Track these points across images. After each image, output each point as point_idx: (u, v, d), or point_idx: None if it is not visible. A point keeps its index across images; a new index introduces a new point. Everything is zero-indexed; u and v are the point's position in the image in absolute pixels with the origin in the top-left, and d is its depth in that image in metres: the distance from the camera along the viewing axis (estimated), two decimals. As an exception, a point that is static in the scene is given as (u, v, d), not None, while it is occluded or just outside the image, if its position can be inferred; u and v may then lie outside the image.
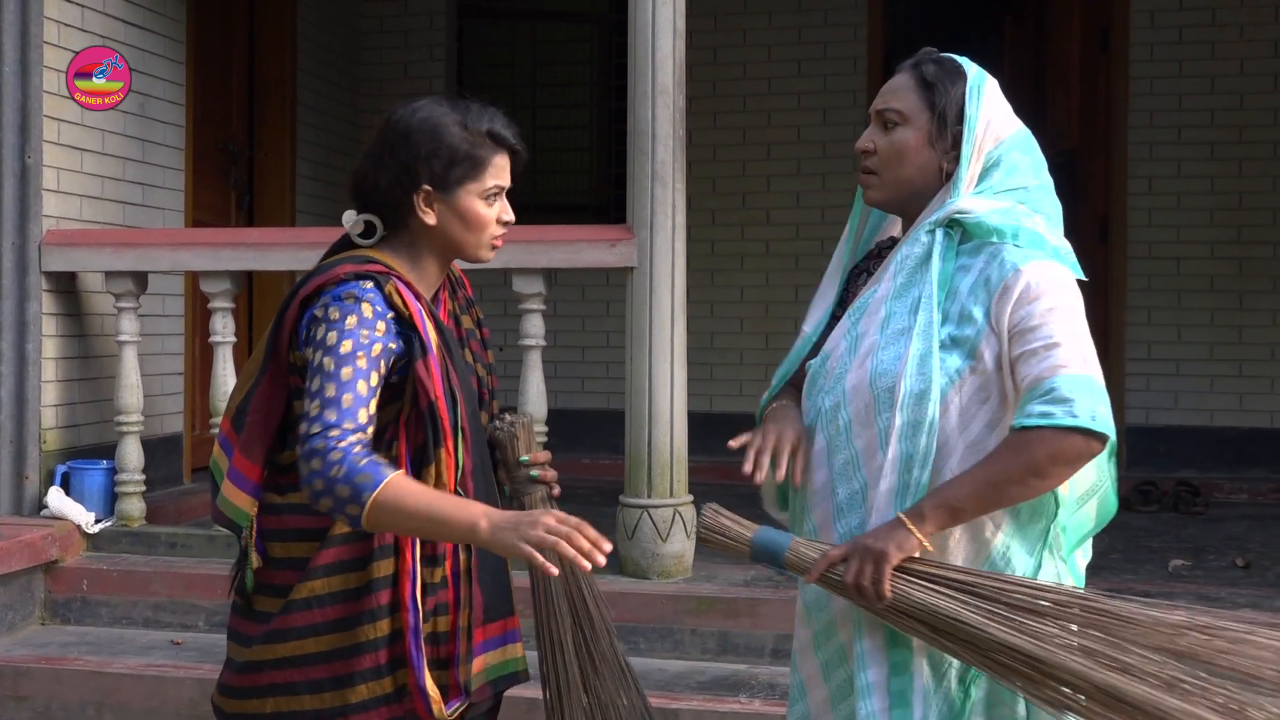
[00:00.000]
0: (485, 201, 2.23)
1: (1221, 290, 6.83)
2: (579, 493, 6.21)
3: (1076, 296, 2.08)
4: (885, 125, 2.20)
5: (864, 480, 2.10)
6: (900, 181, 2.18)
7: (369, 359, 2.08)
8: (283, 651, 2.14)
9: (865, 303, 2.17)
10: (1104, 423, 2.00)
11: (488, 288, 6.94)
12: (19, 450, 4.92)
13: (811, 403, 2.20)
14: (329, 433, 2.02)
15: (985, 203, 2.12)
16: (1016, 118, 2.22)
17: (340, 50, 7.50)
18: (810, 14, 7.31)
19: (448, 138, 2.19)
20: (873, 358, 2.09)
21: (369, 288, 2.12)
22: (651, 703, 2.33)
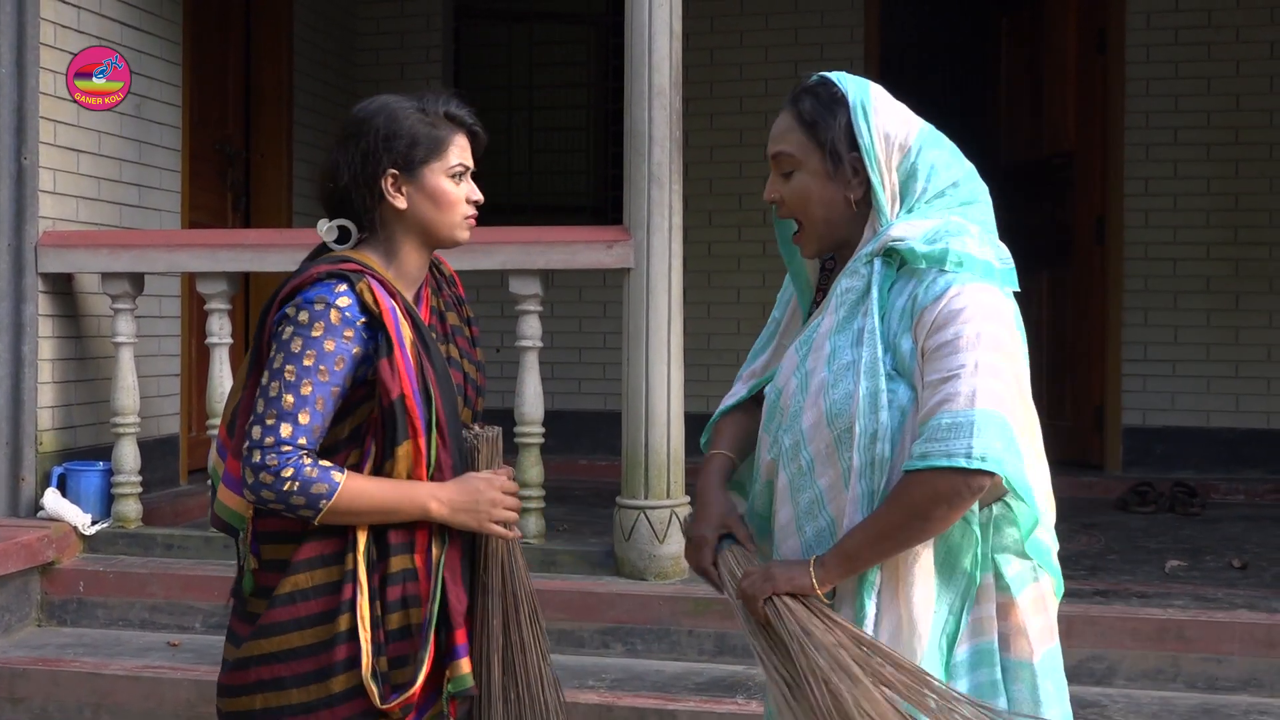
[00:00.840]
0: (452, 180, 2.26)
1: (1218, 291, 6.83)
2: (576, 494, 6.23)
3: (998, 317, 2.00)
4: (784, 174, 2.17)
5: (830, 517, 2.08)
6: (818, 224, 2.15)
7: (331, 373, 2.12)
8: (269, 647, 2.16)
9: (811, 337, 2.14)
10: (986, 459, 1.92)
11: (485, 289, 6.96)
12: (15, 452, 4.91)
13: (771, 436, 2.17)
14: (281, 449, 2.09)
15: (918, 225, 2.06)
16: (915, 116, 2.15)
17: (337, 52, 7.50)
18: (807, 15, 7.32)
19: (406, 121, 2.25)
20: (825, 396, 2.06)
21: (341, 290, 2.15)
22: (649, 704, 2.33)
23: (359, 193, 2.24)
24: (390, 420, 2.13)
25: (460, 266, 4.80)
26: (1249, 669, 3.90)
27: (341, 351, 2.12)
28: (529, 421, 4.63)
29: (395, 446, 2.13)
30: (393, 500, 2.13)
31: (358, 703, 2.13)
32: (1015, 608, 2.09)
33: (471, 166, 2.30)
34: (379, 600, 2.13)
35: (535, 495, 4.65)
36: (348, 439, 2.18)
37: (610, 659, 4.27)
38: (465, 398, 2.29)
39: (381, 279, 2.18)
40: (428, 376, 2.16)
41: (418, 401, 2.13)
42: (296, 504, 2.10)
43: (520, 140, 7.95)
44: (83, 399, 5.20)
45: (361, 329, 2.14)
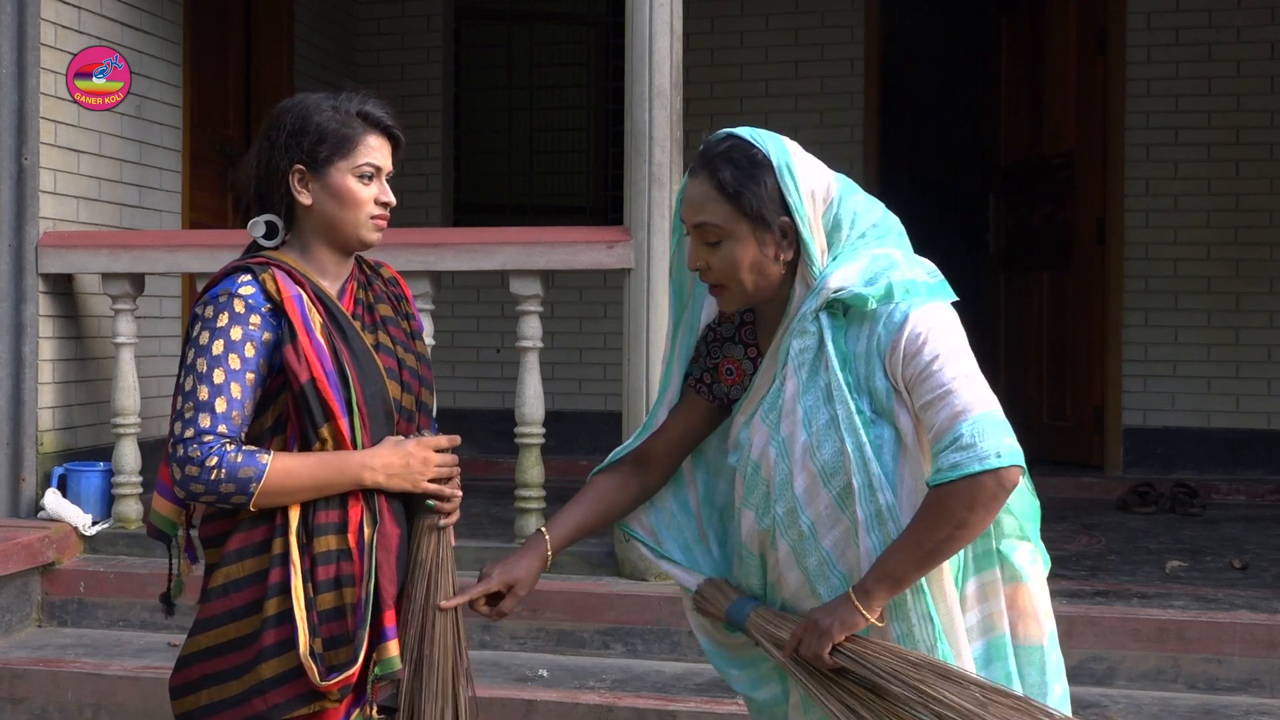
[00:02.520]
0: (360, 180, 2.24)
1: (1218, 292, 6.83)
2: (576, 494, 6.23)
3: (955, 329, 2.08)
4: (709, 244, 2.14)
5: (842, 574, 2.10)
6: (748, 287, 2.14)
7: (243, 359, 2.14)
8: (206, 641, 2.18)
9: (776, 403, 2.15)
10: (1011, 454, 2.00)
11: (485, 289, 6.98)
12: (16, 452, 4.91)
13: (756, 508, 2.18)
14: (203, 439, 2.11)
15: (851, 270, 2.10)
16: (823, 165, 2.18)
17: (337, 52, 7.50)
18: (807, 16, 7.32)
19: (316, 117, 2.24)
20: (813, 458, 2.09)
21: (244, 279, 2.18)
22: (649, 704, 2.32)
23: (270, 188, 2.26)
24: (305, 405, 2.15)
25: (460, 267, 4.84)
26: (1249, 669, 3.90)
27: (250, 337, 2.15)
28: (529, 422, 4.63)
29: (317, 429, 2.15)
30: (322, 474, 2.14)
31: (289, 688, 2.13)
32: (1024, 591, 2.14)
33: (383, 167, 2.27)
34: (310, 581, 2.14)
35: (535, 496, 4.65)
36: (271, 428, 2.20)
37: (611, 659, 4.27)
38: (403, 383, 2.28)
39: (290, 269, 2.21)
40: (343, 359, 2.17)
41: (332, 384, 2.15)
42: (227, 492, 2.11)
43: (520, 140, 7.95)
44: (83, 399, 5.20)
45: (267, 315, 2.16)
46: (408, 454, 2.19)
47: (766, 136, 2.15)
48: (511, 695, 3.87)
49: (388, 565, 2.17)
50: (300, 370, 2.13)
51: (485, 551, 4.59)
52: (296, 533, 2.14)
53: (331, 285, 2.27)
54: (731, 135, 2.16)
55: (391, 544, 2.20)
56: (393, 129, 2.28)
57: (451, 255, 4.73)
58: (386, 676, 2.17)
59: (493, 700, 3.80)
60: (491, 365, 7.52)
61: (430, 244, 4.67)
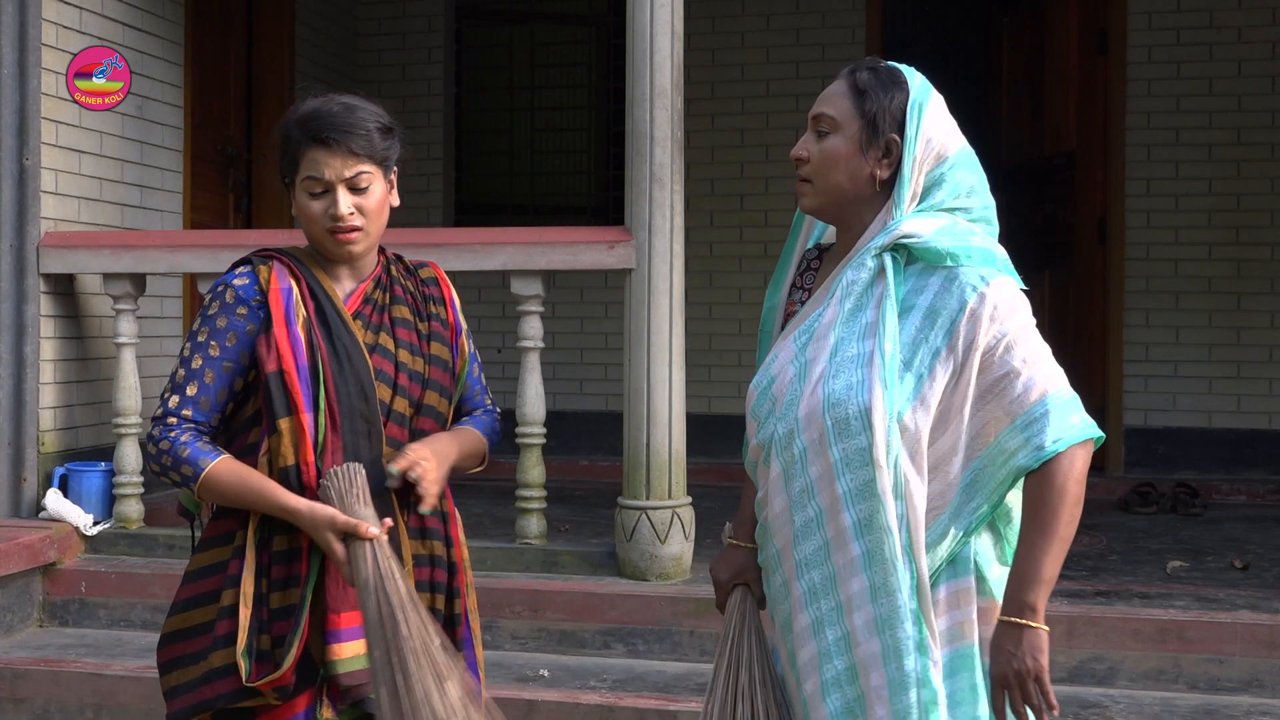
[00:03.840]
0: (308, 195, 2.24)
1: (1220, 292, 6.83)
2: (577, 494, 6.23)
3: (1026, 308, 2.10)
4: (819, 133, 2.19)
5: (820, 508, 2.09)
6: (831, 188, 2.16)
7: (222, 347, 2.19)
8: (177, 624, 2.23)
9: (811, 327, 2.15)
10: (1094, 426, 2.05)
11: (486, 289, 6.98)
12: (17, 452, 4.92)
13: (759, 422, 2.19)
14: (167, 420, 2.19)
15: (929, 222, 2.10)
16: (960, 134, 2.20)
17: (338, 52, 7.50)
18: (808, 16, 7.32)
19: (283, 129, 2.28)
20: (823, 385, 2.08)
21: (241, 271, 2.25)
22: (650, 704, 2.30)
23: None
24: (269, 395, 2.16)
25: (461, 267, 4.84)
26: (1250, 670, 3.90)
27: (233, 327, 2.19)
28: (530, 422, 4.63)
29: (276, 420, 2.15)
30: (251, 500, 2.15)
31: (234, 679, 2.14)
32: (996, 612, 2.09)
33: (331, 179, 2.20)
34: (265, 577, 2.15)
35: (536, 496, 4.65)
36: (250, 418, 2.22)
37: (612, 659, 4.27)
38: (396, 386, 2.26)
39: (292, 263, 2.24)
40: (320, 354, 2.17)
41: (303, 379, 2.15)
42: (175, 478, 2.18)
43: (522, 141, 7.95)
44: (84, 399, 5.20)
45: (255, 307, 2.20)
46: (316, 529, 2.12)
47: (920, 76, 2.19)
48: (513, 695, 3.87)
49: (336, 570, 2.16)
50: (268, 360, 2.16)
51: (485, 551, 4.60)
52: (257, 528, 2.16)
53: (345, 283, 2.28)
54: (890, 63, 2.21)
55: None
56: (331, 138, 2.19)
57: (452, 255, 4.73)
58: (332, 680, 2.16)
59: (494, 700, 3.80)
60: (493, 365, 7.50)
61: (431, 244, 4.67)
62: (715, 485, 6.55)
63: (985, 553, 2.12)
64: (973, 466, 2.08)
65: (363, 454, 2.19)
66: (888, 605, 2.04)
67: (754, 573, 2.31)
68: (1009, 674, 2.02)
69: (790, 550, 2.14)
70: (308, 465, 2.15)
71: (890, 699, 2.03)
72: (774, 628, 2.26)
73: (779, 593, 2.19)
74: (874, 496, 2.03)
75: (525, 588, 4.40)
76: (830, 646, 2.09)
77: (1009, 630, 2.03)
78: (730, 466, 7.20)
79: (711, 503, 5.55)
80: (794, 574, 2.13)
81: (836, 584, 2.08)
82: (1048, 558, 2.01)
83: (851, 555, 2.06)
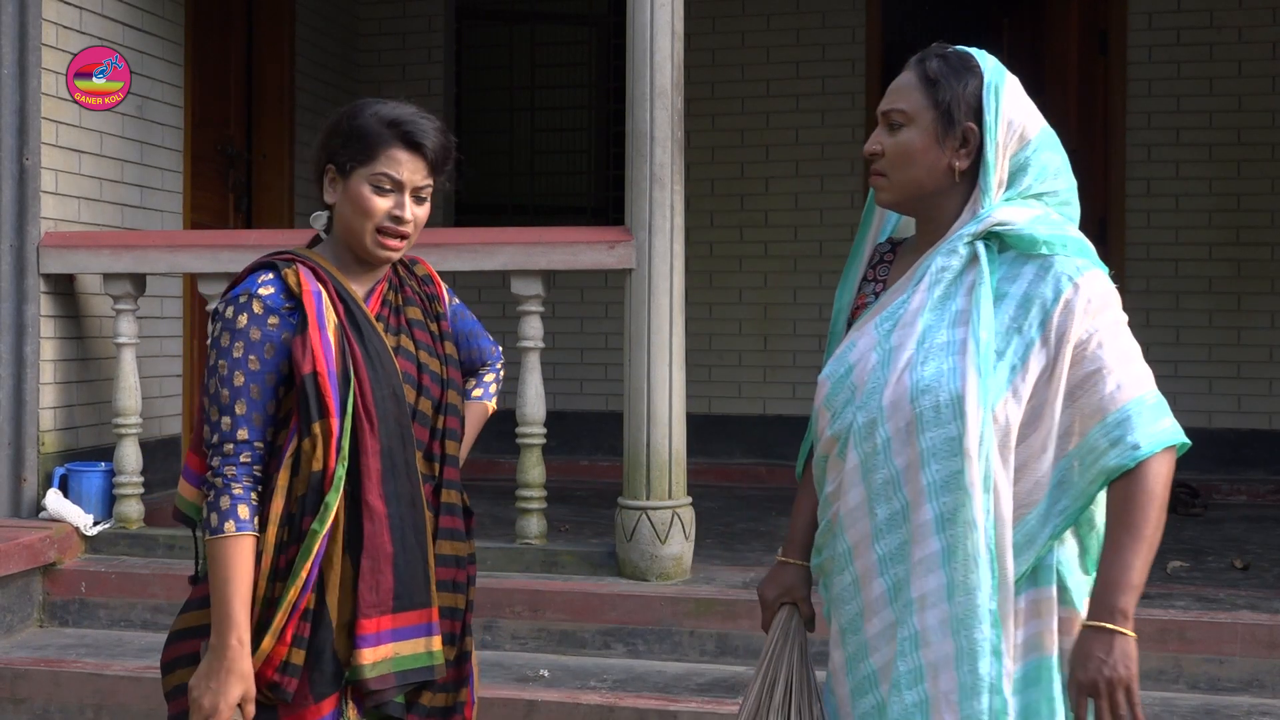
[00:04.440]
0: (374, 190, 2.21)
1: (1220, 292, 6.83)
2: (577, 494, 6.23)
3: (1118, 304, 2.04)
4: (891, 126, 2.12)
5: (905, 500, 2.00)
6: (909, 183, 2.10)
7: (262, 360, 2.15)
8: (190, 621, 2.20)
9: (897, 314, 2.07)
10: (1181, 429, 2.01)
11: (486, 289, 6.98)
12: (17, 452, 4.92)
13: (834, 412, 2.11)
14: (224, 447, 2.13)
15: (1023, 211, 2.05)
16: (1040, 115, 2.13)
17: (338, 52, 7.50)
18: (808, 16, 7.32)
19: (357, 120, 2.23)
20: (911, 373, 2.01)
21: (267, 279, 2.18)
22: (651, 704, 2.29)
23: (316, 177, 2.29)
24: (304, 397, 2.14)
25: (462, 267, 4.84)
26: (1251, 670, 3.90)
27: (269, 338, 2.15)
28: (530, 422, 4.63)
29: (311, 424, 2.14)
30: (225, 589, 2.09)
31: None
32: (1079, 622, 2.02)
33: (406, 182, 2.22)
34: (279, 581, 2.14)
35: (537, 496, 4.65)
36: (283, 419, 2.19)
37: (612, 660, 4.27)
38: (420, 388, 2.26)
39: (315, 266, 2.21)
40: (353, 359, 2.17)
41: (332, 382, 2.14)
42: (206, 512, 2.14)
43: (522, 141, 7.95)
44: (84, 400, 5.20)
45: (286, 314, 2.17)
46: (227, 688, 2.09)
47: (990, 58, 2.12)
48: (513, 695, 3.87)
49: (371, 574, 2.15)
50: (304, 362, 2.13)
51: (486, 551, 4.59)
52: (277, 532, 2.14)
53: (360, 286, 2.27)
54: (958, 47, 2.14)
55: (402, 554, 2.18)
56: (422, 145, 2.23)
57: (453, 255, 4.73)
58: (357, 683, 2.15)
59: (494, 700, 3.81)
60: (493, 365, 7.52)
61: (431, 244, 4.66)
62: (715, 485, 6.55)
63: (1068, 560, 2.05)
64: (1060, 465, 2.01)
65: (396, 458, 2.19)
66: (965, 604, 1.95)
67: (803, 591, 2.26)
68: (1099, 681, 1.91)
69: (869, 545, 2.05)
70: (329, 471, 2.14)
71: (960, 704, 1.95)
72: (832, 630, 2.16)
73: (845, 592, 2.09)
74: (961, 489, 1.95)
75: (525, 588, 4.39)
76: (900, 646, 2.00)
77: (1098, 636, 1.93)
78: (730, 466, 7.21)
79: (711, 503, 5.55)
80: (873, 570, 2.04)
81: (911, 580, 2.00)
82: (1139, 562, 1.94)
83: (930, 550, 1.98)
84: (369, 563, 2.15)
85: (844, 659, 2.11)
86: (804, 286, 7.27)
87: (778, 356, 7.29)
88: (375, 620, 2.16)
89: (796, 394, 7.20)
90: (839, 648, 2.13)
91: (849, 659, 2.10)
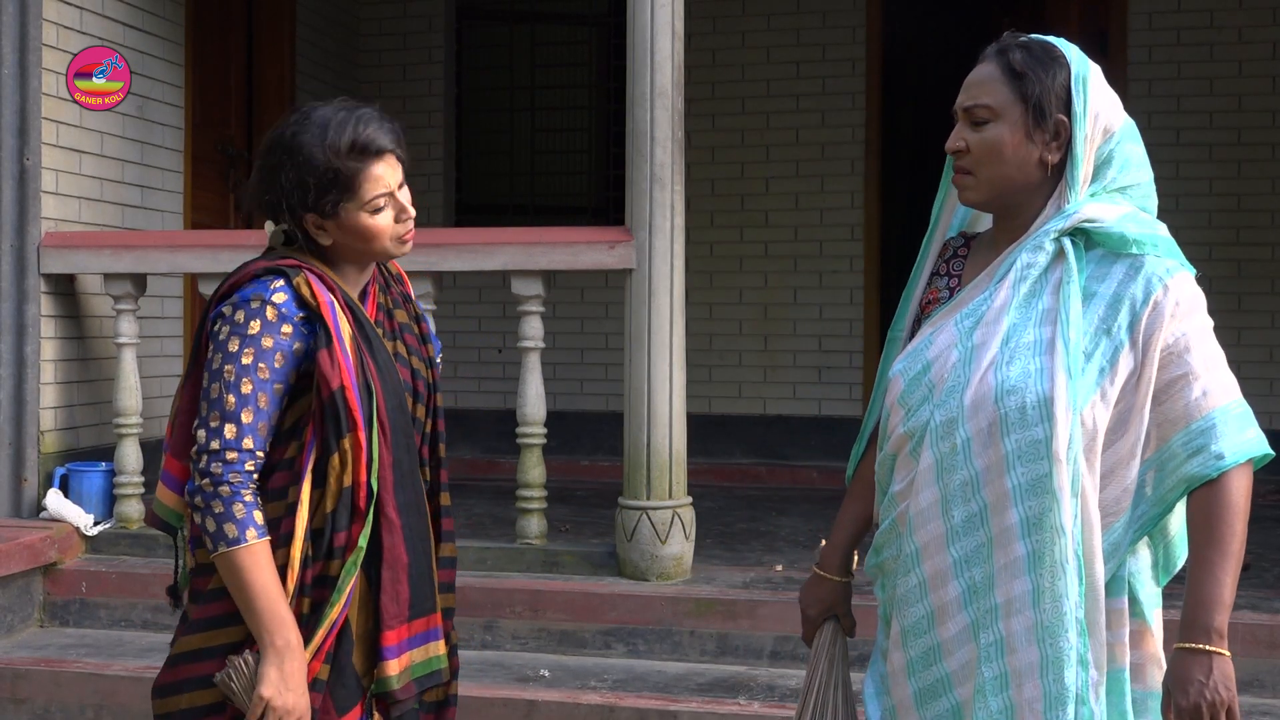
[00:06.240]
0: (372, 215, 2.16)
1: (1220, 292, 6.82)
2: (578, 494, 6.23)
3: (1204, 307, 2.00)
4: (976, 122, 2.04)
5: (984, 502, 1.95)
6: (998, 179, 2.02)
7: (272, 369, 2.09)
8: (196, 643, 2.14)
9: (979, 310, 2.01)
10: (1265, 440, 1.97)
11: (486, 289, 6.98)
12: (18, 452, 4.92)
13: (908, 409, 2.04)
14: (226, 455, 2.06)
15: (1113, 208, 1.99)
16: (1121, 105, 2.09)
17: (339, 52, 7.51)
18: (809, 16, 7.32)
19: (313, 163, 2.12)
20: (995, 372, 1.95)
21: (279, 285, 2.12)
22: (651, 704, 2.28)
23: (287, 221, 2.19)
24: (331, 413, 2.09)
25: (462, 267, 4.84)
26: (1250, 670, 3.90)
27: (280, 348, 2.09)
28: (531, 422, 4.63)
29: (339, 440, 2.09)
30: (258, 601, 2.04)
31: None
32: (1149, 635, 2.01)
33: (391, 188, 2.17)
34: (306, 598, 2.11)
35: (537, 496, 4.65)
36: (289, 431, 2.15)
37: (612, 660, 4.27)
38: (415, 393, 2.25)
39: (321, 273, 2.16)
40: (369, 370, 2.14)
41: (357, 395, 2.10)
42: (209, 527, 2.05)
43: (522, 141, 7.95)
44: (85, 399, 5.21)
45: (300, 324, 2.11)
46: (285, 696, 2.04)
47: (1073, 46, 2.07)
48: (513, 695, 3.87)
49: (392, 585, 2.14)
50: (333, 377, 2.08)
51: (486, 551, 4.60)
52: (302, 548, 2.10)
53: (353, 287, 2.23)
54: (1036, 35, 2.08)
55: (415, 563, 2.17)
56: (386, 149, 2.16)
57: (453, 255, 4.73)
58: (384, 695, 2.15)
59: (494, 700, 3.81)
60: (493, 365, 7.53)
61: (432, 244, 4.67)
62: (715, 485, 6.55)
63: (1140, 572, 2.02)
64: (1141, 470, 1.97)
65: (403, 467, 2.18)
66: (1052, 611, 1.90)
67: (845, 606, 2.24)
68: (1202, 706, 1.86)
69: (942, 547, 1.99)
70: (360, 484, 2.11)
71: (1044, 713, 1.91)
72: (892, 631, 2.09)
73: (911, 594, 2.03)
74: (1048, 493, 1.90)
75: (526, 588, 4.40)
76: (984, 651, 1.96)
77: (1196, 658, 1.88)
78: (730, 466, 7.21)
79: (712, 503, 5.55)
80: (947, 573, 1.99)
81: (994, 585, 1.95)
82: (1229, 578, 1.91)
83: (1015, 555, 1.93)
84: (389, 574, 2.14)
85: (906, 661, 2.06)
86: (804, 286, 7.27)
87: (778, 356, 7.30)
88: (397, 631, 2.15)
89: (797, 394, 7.21)
90: (899, 649, 2.07)
91: (913, 662, 2.05)
